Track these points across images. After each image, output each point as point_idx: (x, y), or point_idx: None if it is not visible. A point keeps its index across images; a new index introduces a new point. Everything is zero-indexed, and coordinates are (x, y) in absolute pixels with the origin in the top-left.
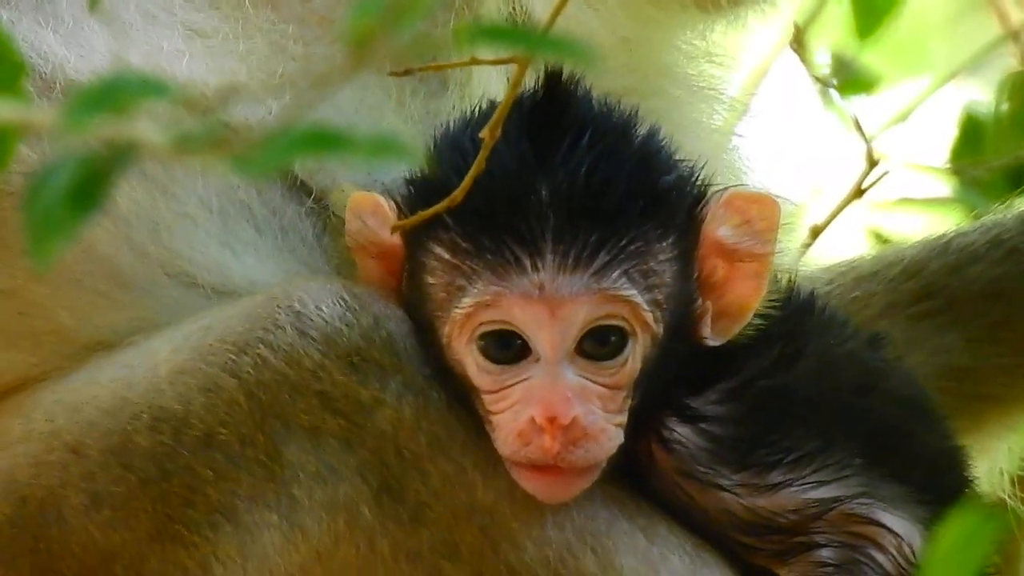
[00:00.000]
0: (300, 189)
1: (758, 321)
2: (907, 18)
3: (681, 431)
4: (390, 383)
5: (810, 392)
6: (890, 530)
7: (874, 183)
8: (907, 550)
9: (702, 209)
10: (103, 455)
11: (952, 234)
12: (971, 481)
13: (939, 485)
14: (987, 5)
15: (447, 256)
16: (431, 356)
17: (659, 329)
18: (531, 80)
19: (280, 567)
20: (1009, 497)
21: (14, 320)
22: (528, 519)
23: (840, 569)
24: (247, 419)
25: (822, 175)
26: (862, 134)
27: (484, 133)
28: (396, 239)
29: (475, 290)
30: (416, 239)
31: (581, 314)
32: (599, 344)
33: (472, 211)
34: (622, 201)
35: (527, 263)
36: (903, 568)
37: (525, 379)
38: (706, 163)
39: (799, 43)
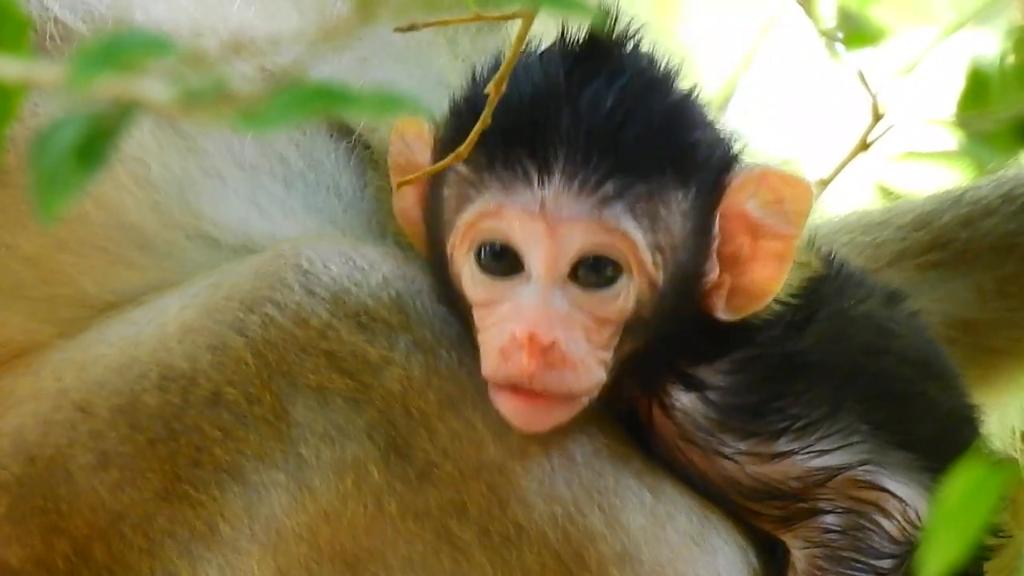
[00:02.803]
0: (342, 135)
1: (774, 306)
2: None
3: (684, 399)
4: (399, 342)
5: (820, 357)
6: (895, 495)
7: (880, 136)
8: (912, 515)
9: (731, 176)
10: (111, 414)
11: (965, 187)
12: (982, 438)
13: (950, 445)
14: None
15: (464, 169)
16: (439, 279)
17: (659, 276)
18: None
19: (287, 527)
20: (1019, 453)
21: (36, 287)
22: (538, 476)
23: (845, 534)
24: (254, 378)
25: (828, 128)
26: (867, 87)
27: (490, 88)
28: (430, 163)
29: (481, 200)
30: (442, 158)
31: (578, 238)
32: (593, 272)
33: (493, 128)
34: (640, 141)
35: (534, 179)
36: (908, 533)
37: (515, 295)
38: (743, 135)
39: None
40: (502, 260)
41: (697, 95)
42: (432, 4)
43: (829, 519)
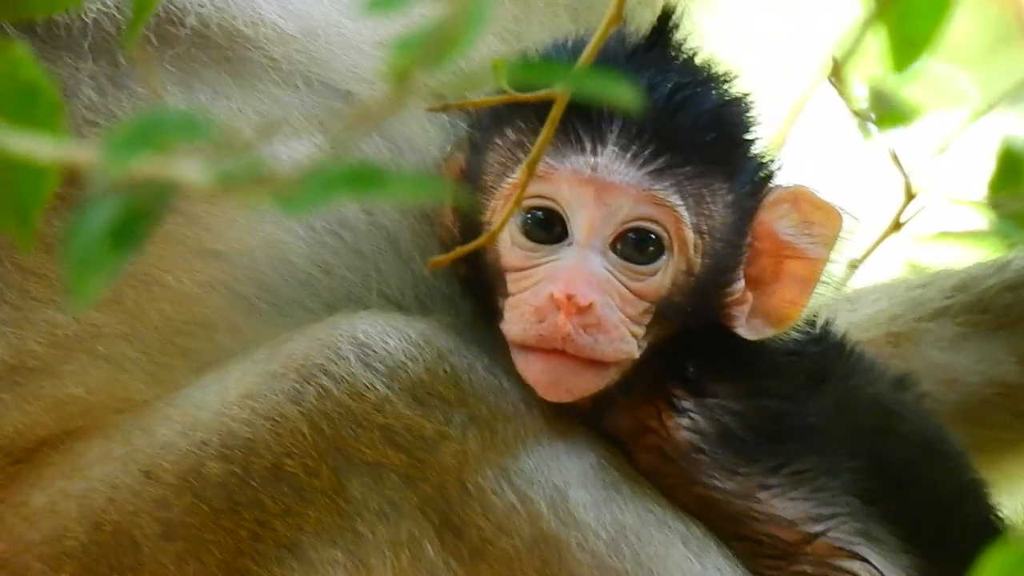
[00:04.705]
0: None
1: (793, 336)
2: (944, 51)
3: (691, 406)
4: (454, 416)
5: (823, 423)
6: (874, 567)
7: (912, 216)
8: None
9: (766, 192)
10: (176, 481)
11: (1012, 255)
12: (995, 515)
13: (956, 526)
14: (1023, 37)
15: (513, 135)
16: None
17: (696, 261)
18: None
19: None
20: None
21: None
22: (591, 548)
23: None
24: (311, 450)
25: (860, 208)
26: (900, 167)
27: (521, 173)
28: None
29: None
30: (492, 119)
31: (625, 206)
32: (635, 247)
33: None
34: (695, 126)
35: (587, 145)
36: None
37: (554, 259)
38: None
39: (837, 76)
40: (546, 226)
41: (749, 103)
42: (465, 85)
43: None
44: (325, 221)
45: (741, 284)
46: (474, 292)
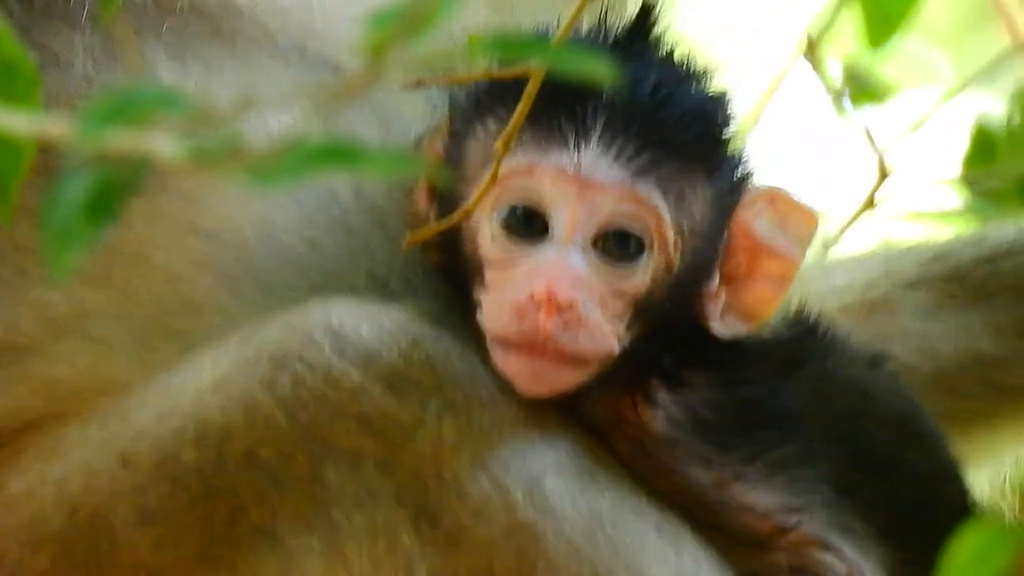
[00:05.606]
0: None
1: (765, 335)
2: (919, 29)
3: (667, 398)
4: (430, 403)
5: (800, 409)
6: (846, 558)
7: (887, 194)
8: None
9: (743, 190)
10: (152, 467)
11: (989, 230)
12: (968, 496)
13: (934, 506)
14: (998, 16)
15: (496, 127)
16: (445, 239)
17: (676, 258)
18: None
19: None
20: (1009, 509)
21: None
22: (566, 537)
23: None
24: (286, 438)
25: (835, 186)
26: (874, 145)
27: (497, 146)
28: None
29: (514, 157)
30: (473, 109)
31: (608, 204)
32: (616, 246)
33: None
34: (678, 122)
35: (571, 141)
36: None
37: (535, 256)
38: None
39: (812, 54)
40: (527, 223)
41: (729, 99)
42: (441, 61)
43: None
44: (315, 198)
45: (716, 281)
46: (450, 281)
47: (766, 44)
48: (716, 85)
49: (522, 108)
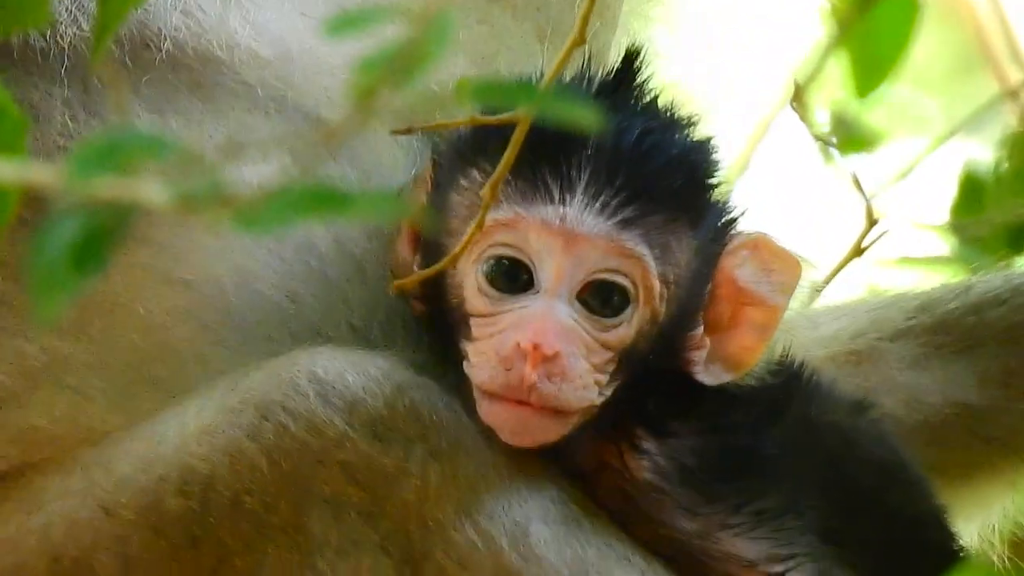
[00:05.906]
0: None
1: (750, 382)
2: (907, 76)
3: (653, 447)
4: (414, 451)
5: (783, 456)
6: None
7: (874, 241)
8: None
9: (728, 238)
10: (135, 516)
11: (975, 279)
12: (954, 540)
13: (916, 551)
14: (986, 64)
15: (481, 178)
16: (430, 288)
17: (661, 309)
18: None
19: None
20: (998, 557)
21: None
22: None
23: None
24: (270, 486)
25: (822, 233)
26: (862, 192)
27: (484, 192)
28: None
29: (499, 209)
30: (456, 161)
31: (593, 257)
32: (601, 299)
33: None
34: (663, 173)
35: (556, 194)
36: None
37: (520, 307)
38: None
39: (799, 101)
40: (511, 276)
41: (713, 147)
42: (427, 107)
43: None
44: (294, 248)
45: (701, 329)
46: (433, 330)
47: (753, 91)
48: (701, 132)
49: (509, 154)
